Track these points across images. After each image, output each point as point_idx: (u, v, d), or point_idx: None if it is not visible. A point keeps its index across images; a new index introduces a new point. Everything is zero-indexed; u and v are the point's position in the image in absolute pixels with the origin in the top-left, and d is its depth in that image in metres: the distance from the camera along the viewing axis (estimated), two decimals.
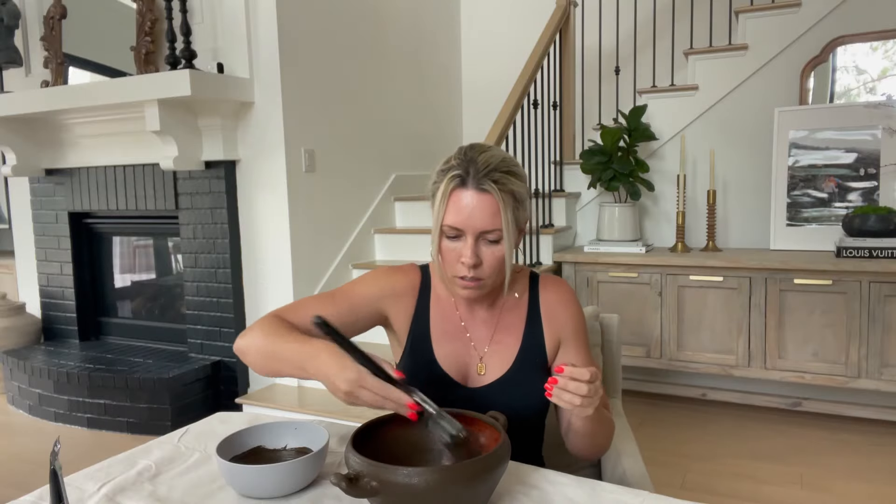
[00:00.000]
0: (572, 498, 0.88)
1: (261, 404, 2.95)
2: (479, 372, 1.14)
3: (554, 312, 1.16)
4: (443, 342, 1.16)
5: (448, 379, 1.13)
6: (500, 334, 1.16)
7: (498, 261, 1.05)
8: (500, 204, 1.01)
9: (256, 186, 3.08)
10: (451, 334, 1.16)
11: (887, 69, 3.10)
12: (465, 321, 1.17)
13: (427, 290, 1.20)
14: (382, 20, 3.64)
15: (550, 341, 1.15)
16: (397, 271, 1.22)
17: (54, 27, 3.34)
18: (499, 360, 1.14)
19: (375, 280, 1.21)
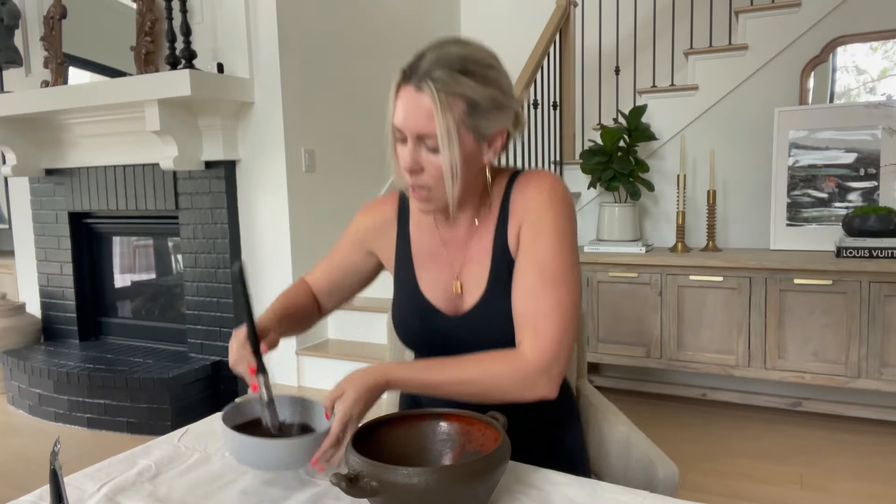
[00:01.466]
0: (572, 498, 0.88)
1: None
2: (455, 291, 1.06)
3: (516, 204, 1.01)
4: (425, 268, 1.08)
5: (431, 309, 1.07)
6: (473, 250, 1.05)
7: (440, 171, 0.95)
8: (436, 106, 0.90)
9: (256, 186, 3.08)
10: (432, 258, 1.08)
11: (887, 69, 3.10)
12: (445, 241, 1.08)
13: (406, 214, 1.13)
14: (382, 20, 3.64)
15: (513, 236, 1.01)
16: (375, 203, 1.17)
17: (54, 27, 3.34)
18: (475, 282, 1.05)
19: (356, 221, 1.18)
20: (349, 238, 1.19)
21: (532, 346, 0.94)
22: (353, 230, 1.19)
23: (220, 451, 1.09)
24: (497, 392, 0.94)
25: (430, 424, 0.96)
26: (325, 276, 1.20)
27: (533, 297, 0.95)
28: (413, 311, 1.08)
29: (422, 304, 1.07)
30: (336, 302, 1.23)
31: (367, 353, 2.97)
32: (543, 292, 0.95)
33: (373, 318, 3.12)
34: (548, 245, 0.97)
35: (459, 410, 0.96)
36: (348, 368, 3.26)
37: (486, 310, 1.02)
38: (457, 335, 1.04)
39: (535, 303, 0.95)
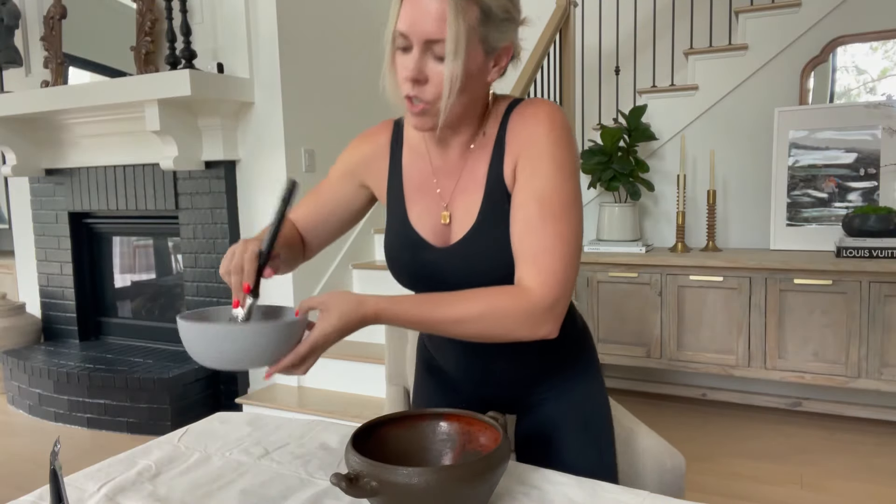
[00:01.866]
0: (572, 498, 0.88)
1: (261, 404, 2.95)
2: (443, 221, 1.01)
3: (516, 133, 0.96)
4: (415, 199, 1.04)
5: (420, 241, 1.02)
6: (465, 181, 1.00)
7: (446, 80, 0.89)
8: (451, 9, 0.86)
9: (256, 186, 3.08)
10: (423, 188, 1.04)
11: (887, 69, 3.10)
12: (437, 169, 1.03)
13: (399, 143, 1.08)
14: (382, 20, 3.63)
15: (509, 168, 0.96)
16: (368, 132, 1.12)
17: (54, 27, 3.34)
18: (464, 212, 0.99)
19: (348, 151, 1.13)
20: (340, 169, 1.13)
21: (536, 282, 0.89)
22: (345, 161, 1.13)
23: (221, 451, 1.09)
24: (500, 329, 0.90)
25: (430, 424, 0.96)
26: (312, 212, 1.13)
27: (534, 232, 0.90)
28: (402, 244, 1.04)
29: (411, 236, 1.03)
30: (323, 240, 1.16)
31: (368, 352, 2.97)
32: (544, 226, 0.90)
33: None
34: (548, 177, 0.92)
35: (459, 410, 0.96)
36: (348, 368, 3.25)
37: (476, 242, 0.97)
38: (444, 268, 1.00)
39: (536, 237, 0.90)
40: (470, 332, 0.90)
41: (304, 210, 1.14)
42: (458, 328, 0.90)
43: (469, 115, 0.98)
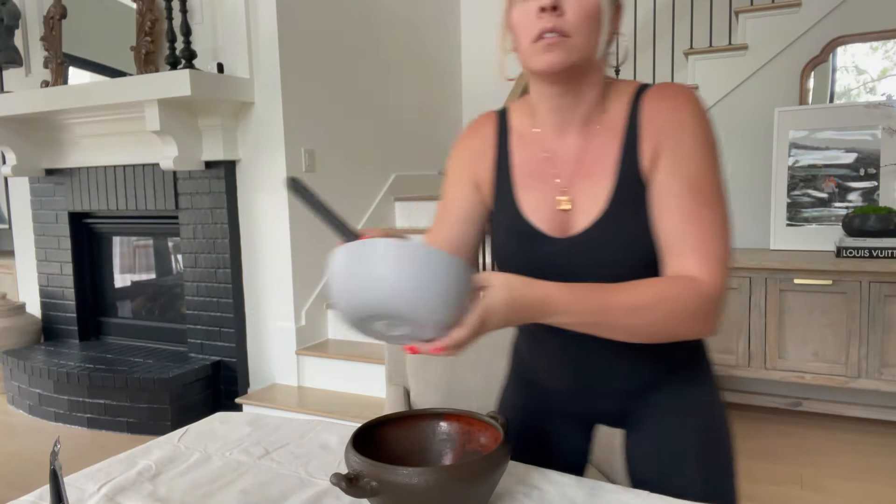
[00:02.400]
0: (572, 498, 0.88)
1: (261, 404, 2.95)
2: (561, 207, 0.92)
3: (651, 118, 0.89)
4: (527, 187, 0.96)
5: (534, 232, 0.93)
6: (589, 163, 0.92)
7: (586, 11, 0.84)
8: None
9: (256, 186, 3.08)
10: (536, 174, 0.95)
11: (887, 69, 3.10)
12: (551, 153, 0.95)
13: (506, 131, 1.00)
14: (382, 20, 3.64)
15: (647, 155, 0.88)
16: (468, 128, 1.05)
17: (54, 27, 3.34)
18: (589, 199, 0.91)
19: (453, 156, 1.04)
20: (452, 176, 1.04)
21: (705, 272, 0.82)
22: (454, 165, 1.04)
23: (221, 451, 1.09)
24: (672, 322, 0.82)
25: (430, 424, 0.96)
26: (446, 232, 1.02)
27: (693, 220, 0.84)
28: (514, 236, 0.95)
29: (523, 228, 0.94)
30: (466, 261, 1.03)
31: (368, 352, 2.97)
32: (702, 214, 0.84)
33: None
34: (699, 164, 0.86)
35: (459, 410, 0.96)
36: (348, 368, 3.25)
37: (603, 232, 0.89)
38: (566, 260, 0.91)
39: (696, 226, 0.84)
40: (641, 323, 0.82)
41: (437, 235, 1.03)
42: (630, 319, 0.81)
43: (591, 75, 0.91)
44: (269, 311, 3.15)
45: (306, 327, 3.13)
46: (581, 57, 0.85)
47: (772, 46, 3.15)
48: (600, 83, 0.93)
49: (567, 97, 0.91)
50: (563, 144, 0.94)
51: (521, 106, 1.00)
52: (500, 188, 0.98)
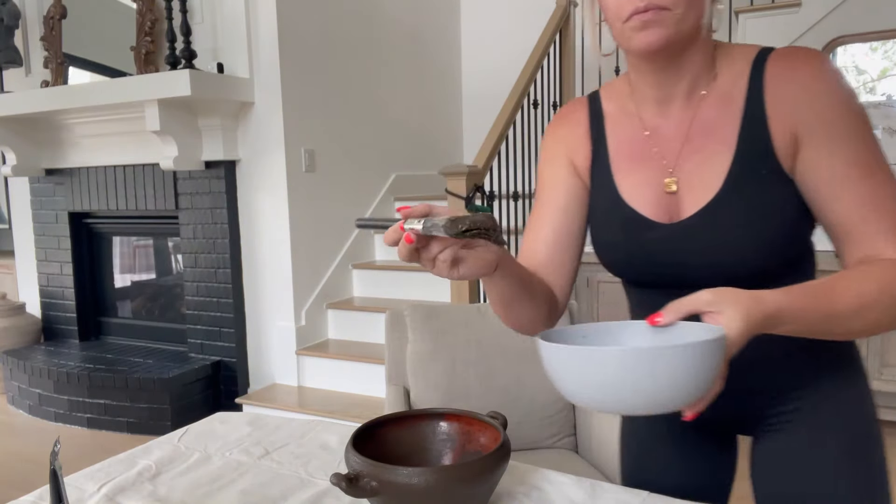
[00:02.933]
0: (572, 498, 0.88)
1: (261, 404, 2.95)
2: (667, 188, 0.83)
3: (783, 91, 0.78)
4: (627, 171, 0.87)
5: (638, 218, 0.84)
6: (699, 137, 0.82)
7: None
8: None
9: (256, 186, 3.09)
10: (636, 155, 0.86)
11: (887, 69, 3.10)
12: (653, 130, 0.85)
13: (599, 113, 0.91)
14: (382, 20, 3.64)
15: (781, 135, 0.78)
16: (558, 116, 0.96)
17: (54, 27, 3.34)
18: (700, 179, 0.81)
19: (546, 146, 0.95)
20: (548, 166, 0.93)
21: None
22: (548, 155, 0.94)
23: (221, 451, 1.09)
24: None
25: (430, 424, 0.96)
26: (548, 226, 0.91)
27: (872, 203, 0.76)
28: (615, 225, 0.86)
29: (625, 214, 0.85)
30: (568, 267, 0.93)
31: (368, 352, 2.97)
32: (879, 194, 0.76)
33: (373, 317, 3.12)
34: (858, 141, 0.77)
35: (459, 410, 0.96)
36: (348, 368, 3.25)
37: (718, 215, 0.79)
38: (669, 248, 0.82)
39: (878, 208, 0.76)
40: (866, 321, 0.74)
41: (533, 237, 0.92)
42: (855, 320, 0.74)
43: (695, 48, 0.80)
44: (269, 311, 3.15)
45: (306, 327, 3.13)
46: (684, 30, 0.75)
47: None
48: (708, 47, 0.81)
49: (670, 70, 0.81)
50: (667, 120, 0.84)
51: (615, 86, 0.92)
52: (598, 174, 0.89)
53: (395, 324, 1.78)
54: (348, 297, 3.42)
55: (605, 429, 1.57)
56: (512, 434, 0.93)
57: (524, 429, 1.65)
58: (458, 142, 4.42)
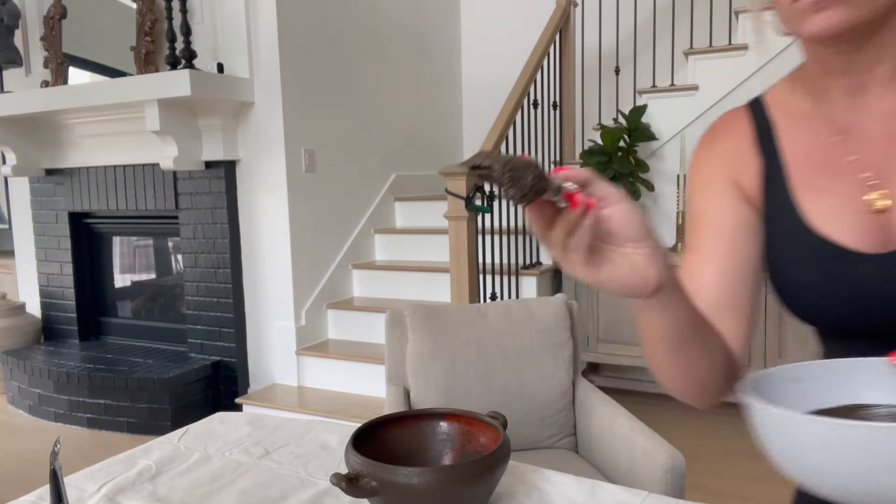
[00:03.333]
0: (572, 498, 0.88)
1: (261, 404, 2.95)
2: (875, 206, 0.63)
3: None
4: (812, 187, 0.67)
5: (833, 248, 0.64)
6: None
7: None
8: None
9: (256, 186, 3.09)
10: (823, 167, 0.67)
11: None
12: (843, 132, 0.67)
13: (766, 123, 0.73)
14: (383, 20, 3.64)
15: None
16: (710, 134, 0.78)
17: (54, 27, 3.34)
18: None
19: (701, 174, 0.76)
20: (706, 187, 0.74)
21: None
22: (705, 173, 0.75)
23: (221, 451, 1.08)
24: None
25: (430, 424, 0.96)
26: (712, 270, 0.70)
27: None
28: (801, 258, 0.66)
29: (814, 244, 0.65)
30: (745, 312, 0.71)
31: (368, 352, 2.97)
32: None
33: (373, 317, 3.12)
34: None
35: (459, 410, 0.96)
36: (348, 368, 3.25)
37: None
38: (885, 285, 0.61)
39: None
40: None
41: (717, 260, 0.70)
42: None
43: (888, 27, 0.62)
44: (269, 311, 3.15)
45: (306, 327, 3.13)
46: (878, 5, 0.59)
47: (772, 46, 3.15)
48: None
49: (863, 53, 0.63)
50: (863, 116, 0.65)
51: (777, 90, 0.77)
52: (774, 196, 0.69)
53: (395, 324, 1.78)
54: (348, 297, 3.42)
55: (605, 429, 1.57)
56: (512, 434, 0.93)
57: (524, 429, 1.65)
58: (458, 142, 4.42)
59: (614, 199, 0.51)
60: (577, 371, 1.75)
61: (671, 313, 0.58)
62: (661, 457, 1.32)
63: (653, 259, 0.52)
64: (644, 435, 1.41)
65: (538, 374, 1.67)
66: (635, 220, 0.51)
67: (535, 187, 0.48)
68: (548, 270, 3.18)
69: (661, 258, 0.53)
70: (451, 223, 2.55)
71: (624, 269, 0.52)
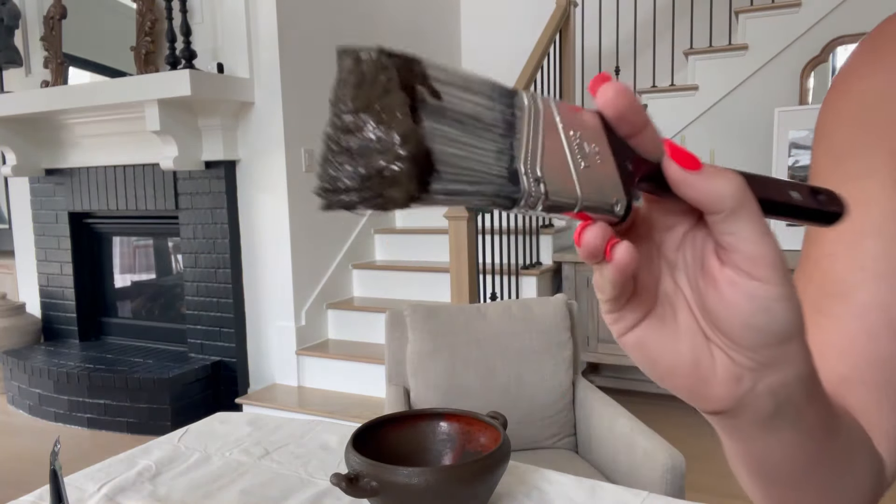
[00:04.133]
0: (572, 498, 0.88)
1: (261, 404, 2.95)
2: None
3: None
4: None
5: None
6: None
7: None
8: None
9: (256, 186, 3.08)
10: None
11: None
12: None
13: None
14: (382, 20, 3.64)
15: None
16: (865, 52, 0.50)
17: (54, 27, 3.34)
18: None
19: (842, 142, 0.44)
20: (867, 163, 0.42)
21: None
22: (854, 140, 0.43)
23: (221, 451, 1.08)
24: None
25: (430, 424, 0.96)
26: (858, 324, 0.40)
27: None
28: None
29: None
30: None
31: (368, 352, 2.97)
32: None
33: (373, 317, 3.12)
34: None
35: (459, 410, 0.96)
36: (348, 368, 3.26)
37: None
38: None
39: None
40: None
41: (832, 325, 0.41)
42: None
43: None
44: (269, 311, 3.15)
45: (306, 327, 3.13)
46: None
47: (772, 46, 3.15)
48: None
49: None
50: None
51: None
52: None
53: (395, 324, 1.78)
54: (348, 297, 3.42)
55: (605, 429, 1.57)
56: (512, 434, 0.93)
57: (524, 429, 1.65)
58: None
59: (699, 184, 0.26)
60: (577, 371, 1.76)
61: (785, 436, 0.31)
62: (661, 457, 1.32)
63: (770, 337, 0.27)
64: (644, 435, 1.41)
65: (538, 374, 1.67)
66: (755, 232, 0.26)
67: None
68: (548, 270, 3.18)
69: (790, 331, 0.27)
70: (450, 223, 2.55)
71: (694, 343, 0.29)
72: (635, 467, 1.38)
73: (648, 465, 1.34)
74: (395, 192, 0.22)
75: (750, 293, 0.26)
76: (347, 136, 0.24)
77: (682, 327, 0.29)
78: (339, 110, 0.25)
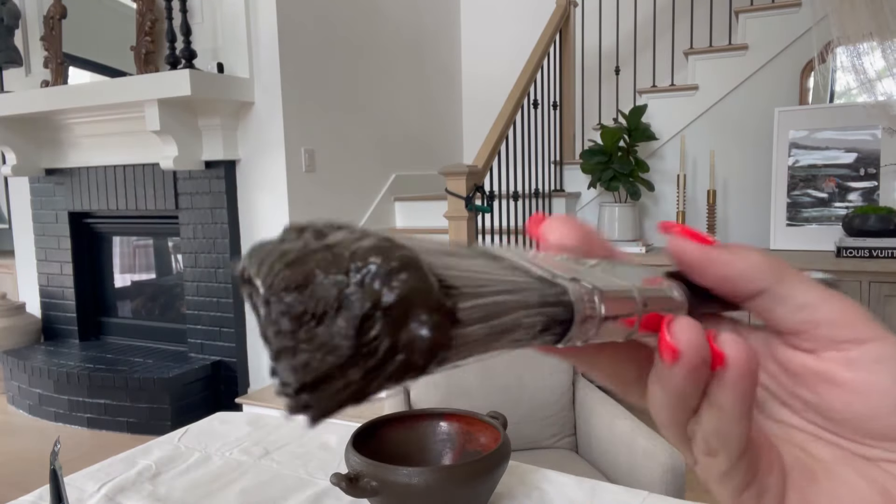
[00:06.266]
0: (572, 498, 0.88)
1: (261, 404, 2.95)
2: None
3: None
4: None
5: None
6: None
7: None
8: None
9: (256, 186, 3.08)
10: None
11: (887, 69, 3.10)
12: None
13: None
14: (383, 20, 3.64)
15: None
16: None
17: (54, 27, 3.33)
18: None
19: None
20: None
21: None
22: None
23: (221, 451, 1.08)
24: None
25: (430, 424, 0.96)
26: None
27: None
28: None
29: None
30: None
31: None
32: None
33: None
34: None
35: (459, 410, 0.96)
36: None
37: None
38: None
39: None
40: None
41: None
42: None
43: None
44: None
45: None
46: None
47: (772, 46, 3.15)
48: None
49: None
50: None
51: None
52: None
53: None
54: None
55: (605, 429, 1.57)
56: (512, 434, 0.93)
57: (524, 429, 1.65)
58: (458, 142, 4.42)
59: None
60: (577, 371, 1.76)
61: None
62: (661, 457, 1.32)
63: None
64: (644, 435, 1.41)
65: (538, 374, 1.67)
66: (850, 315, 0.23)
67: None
68: None
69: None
70: (451, 223, 2.55)
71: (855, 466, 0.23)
72: (635, 467, 1.38)
73: (648, 465, 1.33)
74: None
75: (876, 357, 0.21)
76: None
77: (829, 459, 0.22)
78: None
